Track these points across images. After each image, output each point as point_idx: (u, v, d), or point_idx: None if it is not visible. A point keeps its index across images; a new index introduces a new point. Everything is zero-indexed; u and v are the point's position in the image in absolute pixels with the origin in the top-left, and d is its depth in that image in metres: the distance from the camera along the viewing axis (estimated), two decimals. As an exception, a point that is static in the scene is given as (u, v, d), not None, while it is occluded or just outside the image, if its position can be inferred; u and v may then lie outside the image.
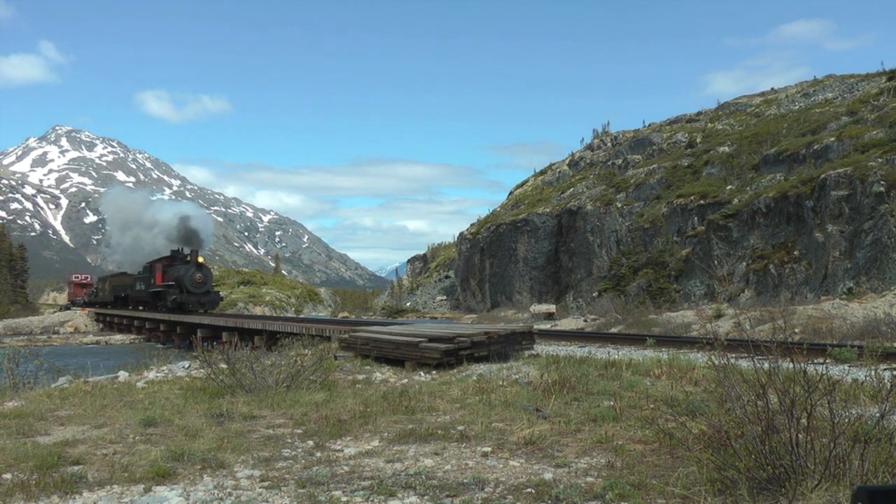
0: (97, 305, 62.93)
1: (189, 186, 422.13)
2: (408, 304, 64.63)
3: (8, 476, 4.45)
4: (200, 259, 37.89)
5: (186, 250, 40.81)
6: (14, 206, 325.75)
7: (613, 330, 22.63)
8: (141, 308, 45.52)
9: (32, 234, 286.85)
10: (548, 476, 4.23)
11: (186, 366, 11.13)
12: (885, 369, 6.89)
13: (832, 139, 35.52)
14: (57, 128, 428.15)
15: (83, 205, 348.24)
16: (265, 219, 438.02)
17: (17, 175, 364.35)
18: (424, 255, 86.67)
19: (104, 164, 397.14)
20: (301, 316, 54.89)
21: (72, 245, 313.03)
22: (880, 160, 29.42)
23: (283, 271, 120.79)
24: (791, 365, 3.93)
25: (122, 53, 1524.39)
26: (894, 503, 1.33)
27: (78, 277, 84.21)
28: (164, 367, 11.21)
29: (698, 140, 49.64)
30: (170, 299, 37.73)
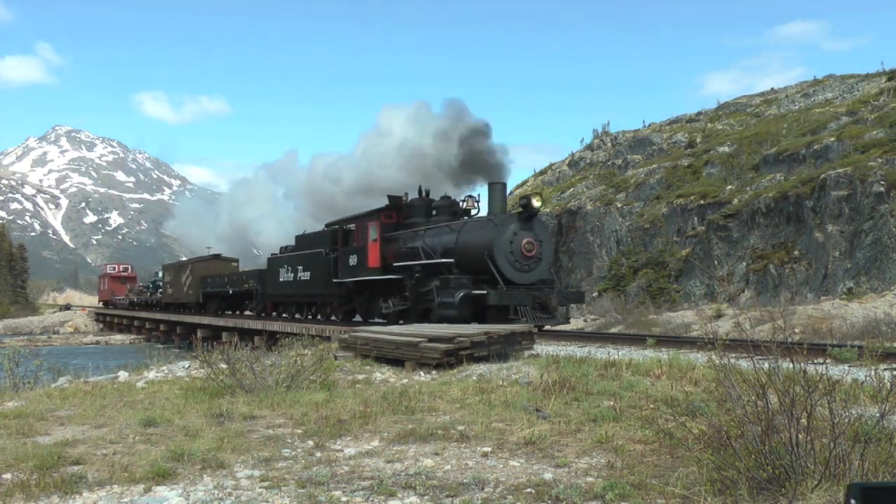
0: (157, 309, 43.88)
1: (189, 186, 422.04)
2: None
3: (8, 476, 4.45)
4: (538, 201, 15.21)
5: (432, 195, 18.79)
6: (14, 206, 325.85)
7: (613, 330, 22.61)
8: (297, 316, 24.33)
9: (32, 234, 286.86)
10: (548, 476, 4.23)
11: (186, 366, 11.13)
12: (885, 369, 6.89)
13: (832, 139, 35.52)
14: (57, 128, 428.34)
15: (83, 205, 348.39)
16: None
17: (17, 175, 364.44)
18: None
19: (104, 164, 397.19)
20: None
21: (72, 245, 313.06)
22: (880, 160, 29.41)
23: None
24: (791, 365, 3.93)
25: (119, 55, 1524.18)
26: (887, 500, 1.34)
27: (115, 269, 61.01)
28: (164, 367, 11.21)
29: (698, 140, 49.63)
30: (453, 299, 14.67)
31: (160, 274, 47.21)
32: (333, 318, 21.26)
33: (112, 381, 9.92)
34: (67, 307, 70.17)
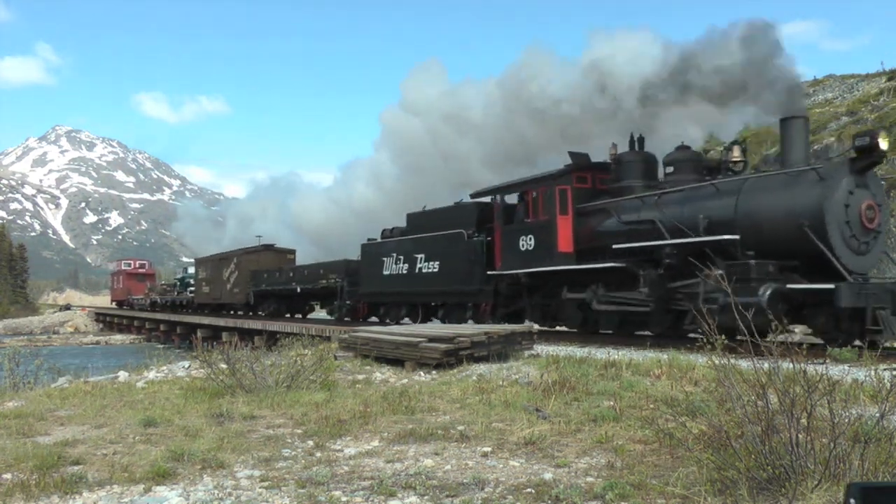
0: (186, 311, 38.52)
1: (189, 186, 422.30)
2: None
3: (8, 476, 4.45)
4: (885, 141, 9.44)
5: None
6: (14, 206, 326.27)
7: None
8: (407, 321, 18.39)
9: (32, 234, 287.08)
10: (548, 476, 4.23)
11: (186, 366, 11.13)
12: (885, 369, 6.88)
13: (832, 139, 35.54)
14: (57, 128, 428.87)
15: (83, 205, 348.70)
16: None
17: (17, 175, 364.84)
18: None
19: (104, 164, 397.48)
20: None
21: (72, 245, 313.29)
22: (880, 160, 29.40)
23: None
24: (791, 365, 3.93)
25: (118, 56, 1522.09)
26: (886, 499, 1.34)
27: (131, 265, 53.56)
28: (164, 367, 11.22)
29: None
30: (756, 297, 9.05)
31: (189, 269, 40.89)
32: (472, 321, 15.27)
33: (112, 381, 9.92)
34: (67, 307, 70.05)
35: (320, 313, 28.43)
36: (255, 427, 5.99)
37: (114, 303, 55.25)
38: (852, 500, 1.37)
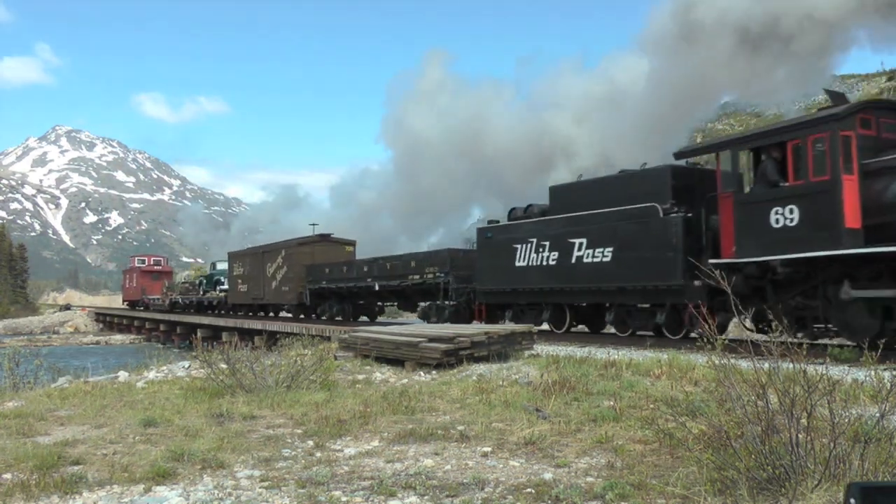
0: (212, 313, 34.80)
1: (189, 186, 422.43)
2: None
3: (8, 476, 4.45)
4: None
5: None
6: (14, 206, 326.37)
7: (613, 329, 22.46)
8: (547, 325, 14.72)
9: (32, 234, 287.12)
10: (548, 476, 4.23)
11: (186, 366, 11.14)
12: (884, 369, 6.87)
13: (832, 139, 35.52)
14: (57, 128, 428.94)
15: (83, 205, 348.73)
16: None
17: (17, 175, 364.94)
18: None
19: (104, 164, 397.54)
20: None
21: (72, 245, 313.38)
22: (880, 160, 29.34)
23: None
24: (791, 365, 3.93)
25: (117, 57, 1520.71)
26: (886, 499, 1.34)
27: (146, 262, 49.67)
28: (164, 367, 11.23)
29: (699, 140, 49.65)
30: None
31: (219, 266, 36.29)
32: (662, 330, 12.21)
33: (112, 381, 9.94)
34: (67, 307, 69.96)
35: (403, 317, 23.17)
36: (255, 427, 5.99)
37: (126, 303, 51.00)
38: (852, 500, 1.37)
